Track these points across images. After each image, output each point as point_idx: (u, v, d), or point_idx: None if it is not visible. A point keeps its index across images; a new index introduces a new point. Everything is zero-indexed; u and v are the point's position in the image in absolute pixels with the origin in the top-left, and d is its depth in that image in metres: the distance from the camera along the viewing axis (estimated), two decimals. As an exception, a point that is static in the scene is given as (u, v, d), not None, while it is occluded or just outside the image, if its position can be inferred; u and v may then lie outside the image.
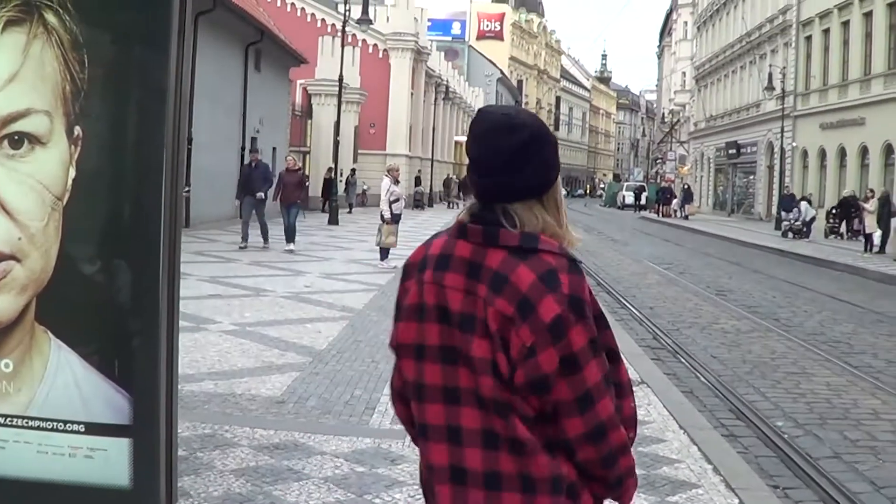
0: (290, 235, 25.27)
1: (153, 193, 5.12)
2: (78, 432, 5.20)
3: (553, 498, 2.80)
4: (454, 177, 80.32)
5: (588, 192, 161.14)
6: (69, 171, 5.05)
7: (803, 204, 44.54)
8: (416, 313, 2.94)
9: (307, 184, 26.13)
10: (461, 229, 2.90)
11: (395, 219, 22.32)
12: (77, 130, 5.04)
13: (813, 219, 43.80)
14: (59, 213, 5.05)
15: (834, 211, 45.92)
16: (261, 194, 25.11)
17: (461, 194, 72.71)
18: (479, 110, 2.97)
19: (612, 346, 2.96)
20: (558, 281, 2.75)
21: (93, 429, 5.20)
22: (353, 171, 53.23)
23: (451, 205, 73.01)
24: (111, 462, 5.22)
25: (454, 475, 2.88)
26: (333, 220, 38.58)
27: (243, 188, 25.65)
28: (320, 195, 49.35)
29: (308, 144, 55.05)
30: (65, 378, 5.18)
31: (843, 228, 44.58)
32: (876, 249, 34.19)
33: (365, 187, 58.26)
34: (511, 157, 2.85)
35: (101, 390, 5.19)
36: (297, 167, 26.65)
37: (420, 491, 3.10)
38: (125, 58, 5.21)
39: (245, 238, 25.17)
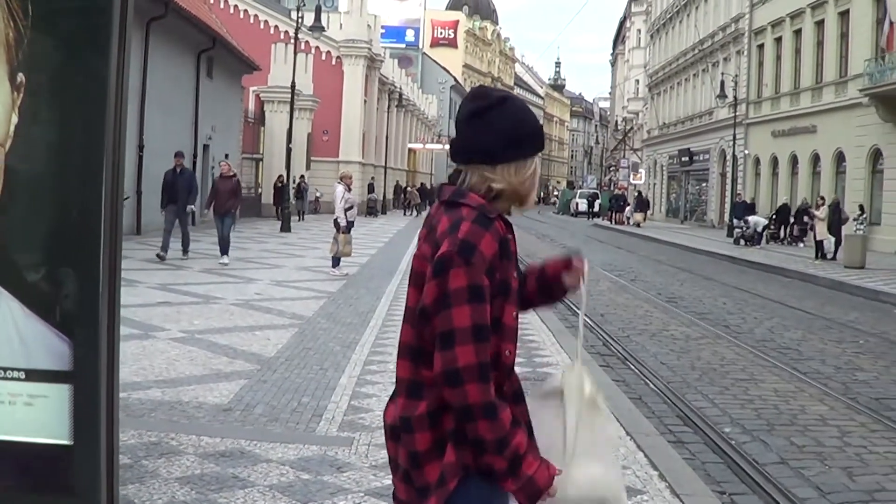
0: (224, 247, 23.69)
1: (93, 199, 5.09)
2: (18, 379, 5.15)
3: (432, 432, 3.13)
4: (410, 187, 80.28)
5: (542, 199, 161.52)
6: (11, 116, 5.01)
7: (752, 217, 44.92)
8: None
9: (242, 192, 24.69)
10: (439, 189, 3.35)
11: (350, 226, 22.32)
12: (20, 77, 5.01)
13: (765, 227, 44.26)
14: (1, 158, 5.01)
15: (773, 217, 46.97)
16: (192, 208, 24.09)
17: (423, 202, 73.02)
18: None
19: (505, 321, 3.17)
20: (459, 227, 3.04)
21: (33, 375, 5.15)
22: (303, 177, 53.04)
23: (407, 212, 72.98)
24: (51, 410, 5.17)
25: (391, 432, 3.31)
26: (285, 228, 38.52)
27: (167, 196, 23.70)
28: (272, 202, 49.26)
29: (261, 151, 54.98)
30: (5, 325, 5.13)
31: (782, 233, 47.03)
32: (830, 256, 34.50)
33: (318, 194, 58.22)
34: (463, 123, 3.27)
35: (42, 336, 5.14)
36: (231, 173, 24.93)
37: (363, 497, 3.25)
38: (63, 60, 5.19)
39: (165, 248, 23.28)
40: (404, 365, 3.24)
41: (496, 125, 3.20)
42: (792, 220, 46.72)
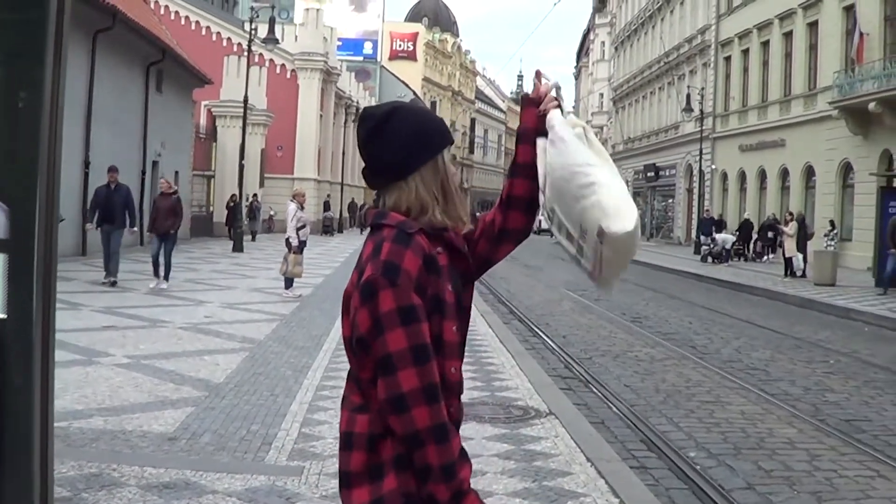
0: (164, 270, 22.71)
1: (27, 218, 5.01)
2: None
3: (368, 455, 3.14)
4: (366, 204, 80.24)
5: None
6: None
7: (719, 236, 45.17)
8: None
9: (182, 210, 23.82)
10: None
11: (302, 246, 22.25)
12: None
13: (733, 244, 44.52)
14: None
15: (736, 232, 47.40)
16: (135, 230, 23.55)
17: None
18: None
19: (446, 337, 3.16)
20: (381, 249, 3.05)
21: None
22: (255, 196, 52.74)
23: (363, 230, 72.88)
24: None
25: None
26: (238, 248, 38.40)
27: (102, 214, 22.71)
28: (225, 222, 49.10)
29: (213, 168, 54.76)
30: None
31: (746, 250, 47.52)
32: (799, 273, 34.66)
33: (272, 213, 58.09)
34: (362, 147, 3.30)
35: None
36: (171, 190, 23.65)
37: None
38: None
39: (112, 272, 22.58)
40: (350, 386, 3.27)
41: (392, 139, 3.22)
42: (756, 235, 47.29)
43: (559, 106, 3.44)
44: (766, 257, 46.09)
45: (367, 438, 3.12)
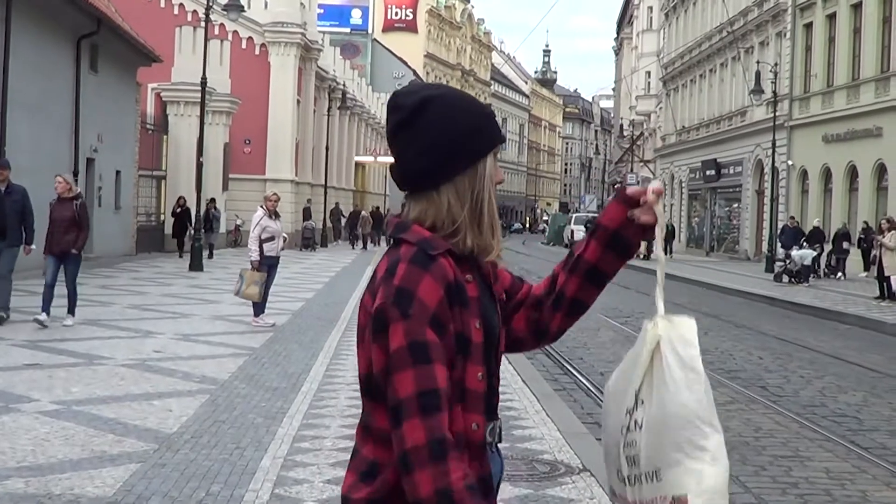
0: (69, 301, 20.92)
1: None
2: None
3: None
4: (364, 211, 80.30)
5: (528, 226, 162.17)
6: None
7: (795, 252, 44.86)
8: None
9: (88, 221, 21.49)
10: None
11: (269, 262, 22.22)
12: None
13: (814, 259, 44.37)
14: None
15: (817, 247, 47.26)
16: (30, 248, 21.08)
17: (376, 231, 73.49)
18: None
19: (469, 385, 3.13)
20: (395, 271, 3.03)
21: None
22: (213, 200, 51.95)
23: (355, 244, 72.84)
24: None
25: None
26: (196, 266, 38.47)
27: None
28: (171, 234, 49.09)
29: (164, 167, 54.81)
30: None
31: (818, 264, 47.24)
32: None
33: (238, 222, 58.19)
34: (390, 143, 3.29)
35: None
36: (71, 194, 21.04)
37: None
38: None
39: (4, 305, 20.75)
40: (361, 436, 3.26)
41: (424, 136, 3.18)
42: (830, 247, 47.28)
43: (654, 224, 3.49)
44: (839, 274, 46.66)
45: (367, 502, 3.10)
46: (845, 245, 47.73)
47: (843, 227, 49.52)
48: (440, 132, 3.15)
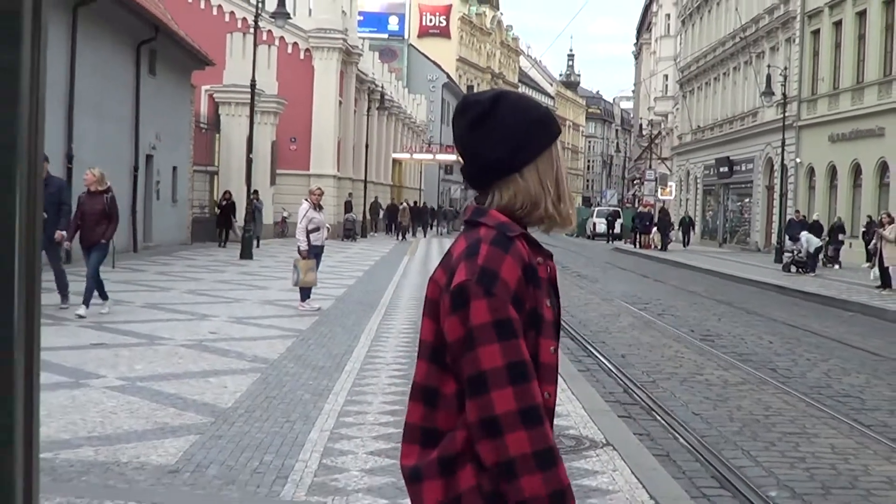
0: (90, 292, 19.66)
1: (6, 219, 5.13)
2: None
3: (445, 483, 3.13)
4: (403, 203, 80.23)
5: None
6: None
7: (804, 235, 44.90)
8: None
9: (118, 213, 20.61)
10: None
11: (315, 251, 22.31)
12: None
13: (818, 250, 44.22)
14: None
15: (825, 239, 47.61)
16: (62, 234, 19.64)
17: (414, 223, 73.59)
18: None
19: (542, 359, 3.18)
20: (477, 251, 3.06)
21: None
22: (256, 192, 49.45)
23: (399, 235, 72.71)
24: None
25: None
26: (246, 255, 38.51)
27: None
28: (216, 224, 49.12)
29: (216, 163, 54.91)
30: None
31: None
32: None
33: (284, 214, 58.17)
34: (464, 139, 3.31)
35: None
36: (102, 187, 20.18)
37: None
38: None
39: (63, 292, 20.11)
40: (416, 409, 3.27)
41: (505, 126, 3.23)
42: (826, 238, 47.51)
43: None
44: (837, 263, 47.36)
45: (437, 465, 3.13)
46: (841, 237, 48.96)
47: (838, 220, 50.53)
48: (516, 121, 3.24)
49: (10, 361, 4.30)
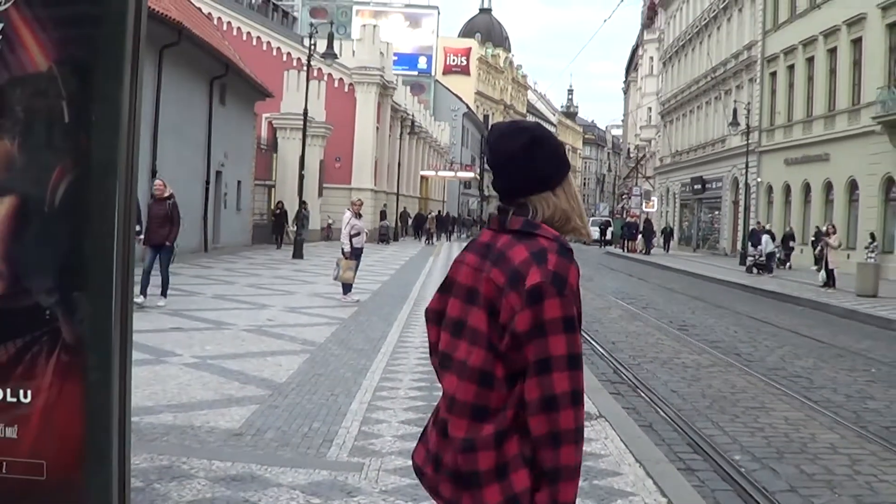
0: (162, 285, 19.85)
1: (106, 226, 5.15)
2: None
3: (497, 453, 3.20)
4: (430, 213, 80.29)
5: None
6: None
7: (765, 237, 44.99)
8: (443, 287, 3.52)
9: (180, 217, 20.48)
10: (489, 219, 3.48)
11: (356, 253, 22.38)
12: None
13: (772, 253, 44.19)
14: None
15: (778, 247, 48.15)
16: (141, 237, 19.01)
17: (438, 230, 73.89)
18: (492, 125, 3.79)
19: (579, 350, 3.25)
20: (546, 258, 3.20)
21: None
22: (304, 203, 48.19)
23: (427, 240, 72.67)
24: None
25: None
26: (298, 255, 38.62)
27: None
28: (271, 230, 49.43)
29: (273, 178, 55.09)
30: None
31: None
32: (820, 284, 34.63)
33: (330, 221, 58.30)
34: (511, 160, 3.38)
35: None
36: (166, 194, 20.23)
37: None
38: (78, 91, 5.25)
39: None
40: (469, 388, 3.27)
41: (549, 151, 3.38)
42: (779, 245, 48.25)
43: None
44: (788, 265, 48.26)
45: (494, 438, 3.20)
46: (791, 244, 50.13)
47: (790, 230, 51.49)
48: (555, 147, 3.42)
49: (108, 342, 4.36)
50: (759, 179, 58.93)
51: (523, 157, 3.35)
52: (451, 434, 3.29)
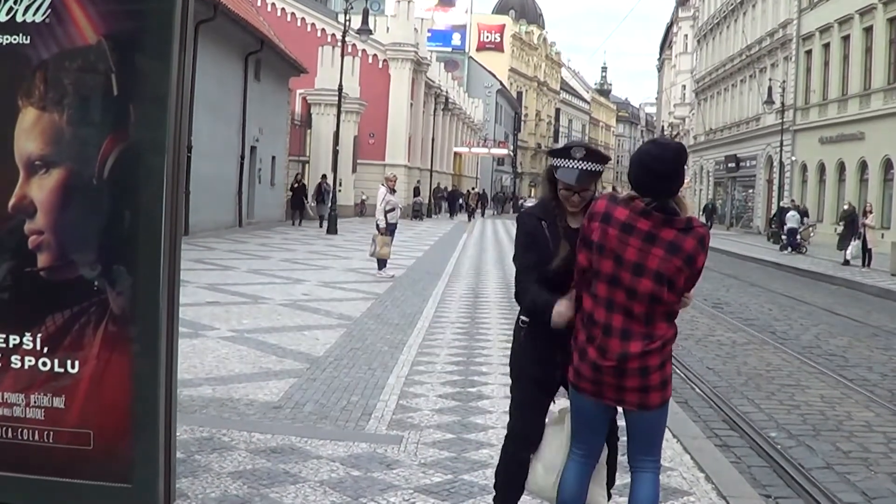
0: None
1: (155, 199, 5.20)
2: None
3: (660, 356, 4.97)
4: (470, 190, 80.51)
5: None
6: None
7: (789, 213, 44.71)
8: (596, 250, 4.85)
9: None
10: (644, 211, 4.79)
11: (391, 229, 22.39)
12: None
13: (793, 229, 43.71)
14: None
15: (772, 219, 47.77)
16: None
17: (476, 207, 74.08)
18: (652, 142, 5.00)
19: None
20: (707, 244, 4.98)
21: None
22: (324, 176, 48.17)
23: (471, 217, 72.75)
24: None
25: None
26: (332, 230, 38.63)
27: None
28: (289, 206, 47.86)
29: (307, 154, 55.09)
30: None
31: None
32: (842, 262, 34.49)
33: (364, 197, 58.30)
34: (679, 168, 4.85)
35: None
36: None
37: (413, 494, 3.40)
38: (126, 65, 5.28)
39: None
40: (636, 320, 4.88)
41: (685, 163, 5.04)
42: (811, 223, 47.92)
43: None
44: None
45: (659, 349, 4.93)
46: (805, 220, 48.42)
47: (804, 207, 50.47)
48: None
49: (156, 315, 4.42)
50: (793, 158, 58.60)
51: (676, 168, 4.83)
52: (628, 351, 4.92)
